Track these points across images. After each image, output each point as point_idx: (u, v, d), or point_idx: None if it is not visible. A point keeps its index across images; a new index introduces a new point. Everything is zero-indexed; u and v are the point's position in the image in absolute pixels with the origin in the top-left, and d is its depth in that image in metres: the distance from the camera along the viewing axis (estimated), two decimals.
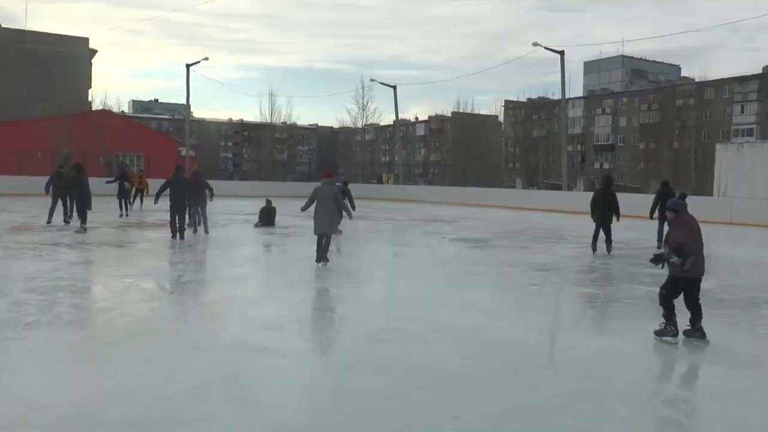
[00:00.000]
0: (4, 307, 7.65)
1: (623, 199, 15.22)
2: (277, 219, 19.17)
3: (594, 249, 14.15)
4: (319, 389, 5.03)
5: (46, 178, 19.46)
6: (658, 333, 6.78)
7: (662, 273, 11.51)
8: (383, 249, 16.43)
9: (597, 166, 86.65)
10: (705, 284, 10.72)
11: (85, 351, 6.05)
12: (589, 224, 14.48)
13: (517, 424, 4.42)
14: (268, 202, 19.95)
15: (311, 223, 11.40)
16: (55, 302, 8.02)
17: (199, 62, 46.48)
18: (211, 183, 18.13)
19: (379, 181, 67.52)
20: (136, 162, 49.53)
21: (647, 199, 31.75)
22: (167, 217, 15.92)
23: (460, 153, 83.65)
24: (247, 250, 14.83)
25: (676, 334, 6.67)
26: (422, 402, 4.79)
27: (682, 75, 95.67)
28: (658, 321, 8.11)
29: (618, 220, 14.10)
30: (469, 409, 4.69)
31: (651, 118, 79.24)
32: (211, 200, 16.87)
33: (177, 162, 22.49)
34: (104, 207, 22.17)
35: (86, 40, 65.38)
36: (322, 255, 11.37)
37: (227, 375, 5.29)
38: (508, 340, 6.89)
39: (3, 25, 61.78)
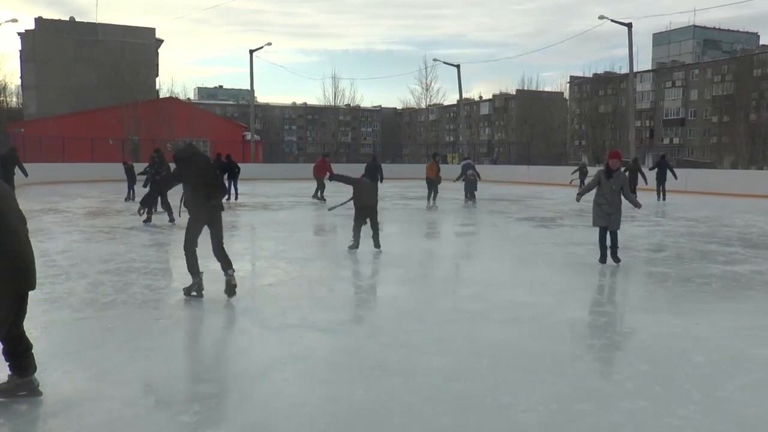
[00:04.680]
0: (83, 287, 7.99)
1: (694, 174, 18.80)
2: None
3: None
4: (386, 369, 5.06)
5: (117, 165, 20.27)
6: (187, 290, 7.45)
7: (735, 252, 11.12)
8: (449, 229, 16.37)
9: (666, 141, 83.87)
10: None
11: (159, 330, 6.25)
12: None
13: (587, 406, 4.35)
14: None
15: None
16: (129, 283, 8.31)
17: (262, 48, 47.14)
18: (277, 166, 18.64)
19: (444, 161, 66.98)
20: (202, 147, 50.68)
21: (720, 176, 30.69)
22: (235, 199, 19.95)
23: (525, 131, 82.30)
24: (314, 232, 15.01)
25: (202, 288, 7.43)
26: (490, 383, 4.76)
27: (760, 43, 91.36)
28: (732, 301, 7.85)
29: (647, 183, 21.77)
30: (537, 389, 4.64)
31: (725, 89, 76.02)
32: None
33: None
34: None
35: (153, 30, 67.01)
36: (613, 253, 9.91)
37: (296, 354, 5.37)
38: (577, 320, 6.78)
39: (76, 19, 64.00)
